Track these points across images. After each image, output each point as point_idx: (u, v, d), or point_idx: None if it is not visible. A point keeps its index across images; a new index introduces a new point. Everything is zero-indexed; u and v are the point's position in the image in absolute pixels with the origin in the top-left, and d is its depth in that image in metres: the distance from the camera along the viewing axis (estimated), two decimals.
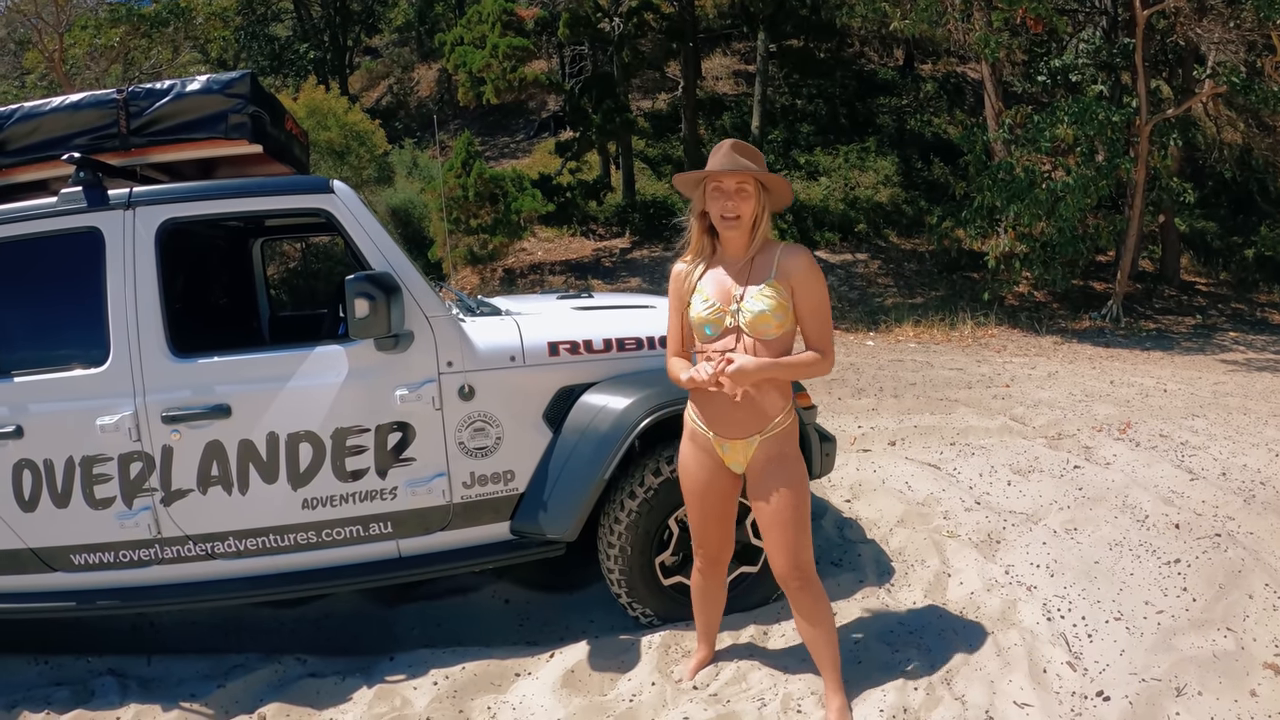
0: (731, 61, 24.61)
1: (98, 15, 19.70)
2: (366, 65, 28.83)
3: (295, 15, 27.53)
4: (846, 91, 22.63)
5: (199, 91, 3.81)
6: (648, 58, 19.18)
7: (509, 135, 23.84)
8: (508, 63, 16.37)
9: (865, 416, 7.41)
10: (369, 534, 3.84)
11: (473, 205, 15.56)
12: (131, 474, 3.72)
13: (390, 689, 3.69)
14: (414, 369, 3.71)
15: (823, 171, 20.40)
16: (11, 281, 3.83)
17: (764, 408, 3.07)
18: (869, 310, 14.90)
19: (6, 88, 22.13)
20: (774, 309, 2.99)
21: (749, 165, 2.98)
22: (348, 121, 17.07)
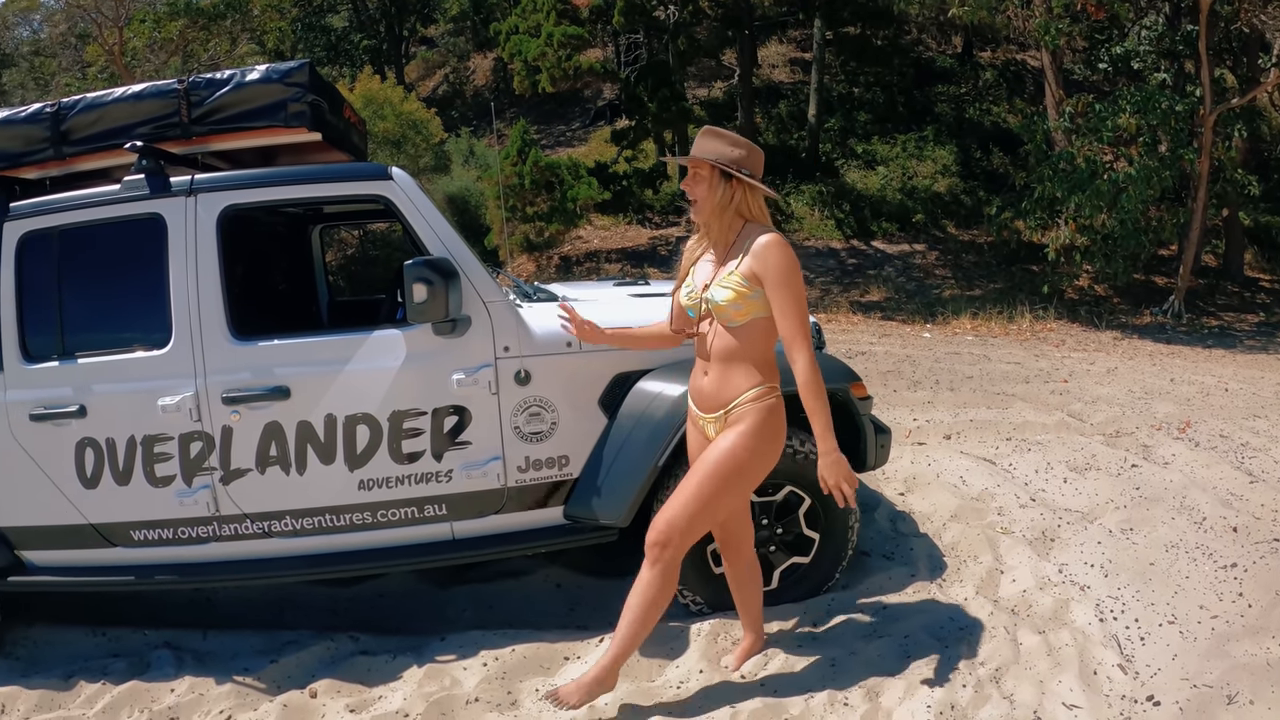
0: (788, 49, 24.34)
1: (156, 9, 20.08)
2: (422, 55, 29.04)
3: (351, 6, 27.75)
4: (904, 80, 22.25)
5: (258, 81, 3.88)
6: (703, 46, 19.08)
7: (565, 123, 23.89)
8: (563, 51, 16.40)
9: (921, 409, 7.34)
10: (424, 516, 3.90)
11: (529, 193, 15.64)
12: (191, 453, 3.82)
13: (440, 668, 3.74)
14: (471, 353, 3.76)
15: (880, 161, 20.13)
16: (76, 266, 3.95)
17: (728, 386, 3.13)
18: (926, 302, 14.74)
19: (68, 80, 22.66)
20: (731, 299, 3.03)
21: (711, 148, 3.08)
22: (404, 111, 17.23)
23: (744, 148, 3.10)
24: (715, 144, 3.09)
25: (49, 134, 4.01)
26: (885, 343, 11.54)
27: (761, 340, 3.10)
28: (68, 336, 3.91)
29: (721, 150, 3.08)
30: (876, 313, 13.93)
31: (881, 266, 16.96)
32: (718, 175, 3.09)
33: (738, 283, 3.03)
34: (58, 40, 23.96)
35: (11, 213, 3.97)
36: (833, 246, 17.75)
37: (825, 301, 14.78)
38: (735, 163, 3.06)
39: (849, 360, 5.80)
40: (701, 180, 3.11)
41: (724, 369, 3.13)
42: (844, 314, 13.98)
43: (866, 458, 4.16)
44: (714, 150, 3.08)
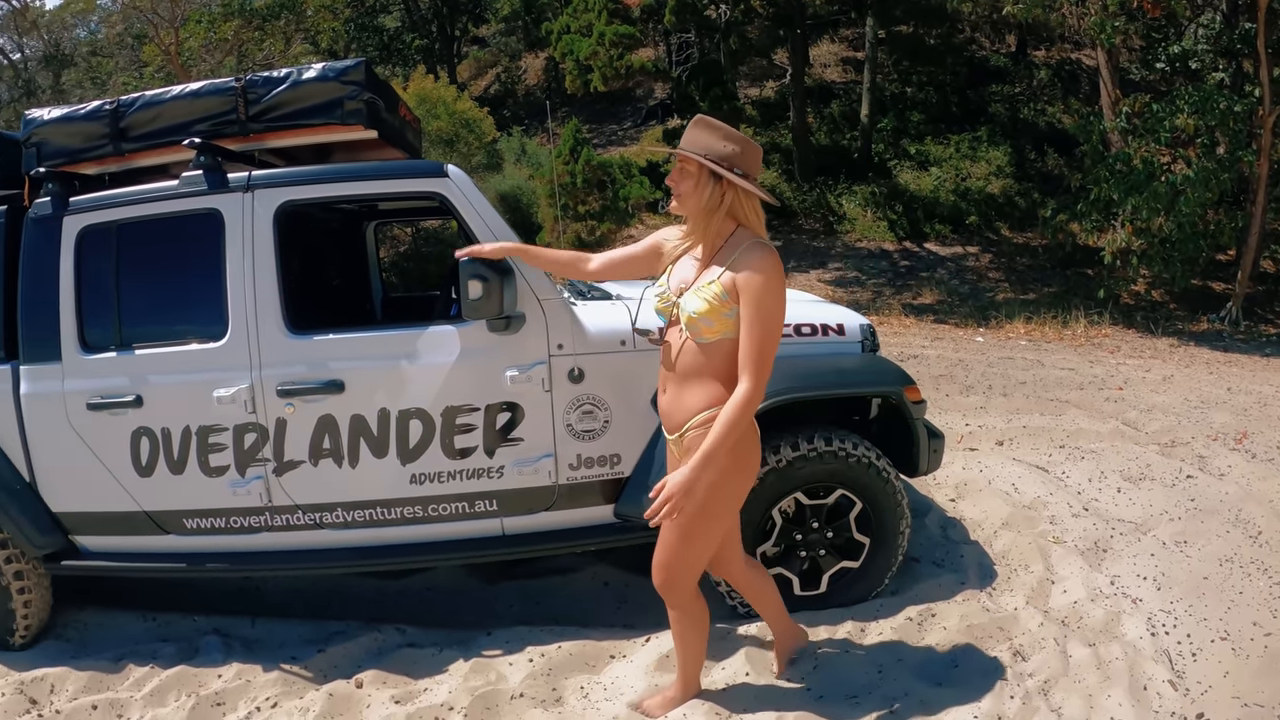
0: (840, 48, 24.20)
1: (211, 10, 20.42)
2: (474, 54, 29.27)
3: (403, 6, 28.06)
4: (958, 79, 22.05)
5: (315, 79, 3.92)
6: (755, 45, 19.04)
7: (616, 122, 23.95)
8: (614, 50, 16.50)
9: (973, 414, 7.27)
10: (474, 511, 3.93)
11: (581, 192, 15.72)
12: (245, 444, 3.88)
13: (486, 663, 3.78)
14: (525, 350, 3.77)
15: (933, 161, 19.96)
16: (134, 260, 4.01)
17: (681, 405, 2.91)
18: (979, 305, 14.58)
19: (125, 79, 23.10)
20: (704, 312, 2.77)
21: (700, 142, 2.80)
22: (457, 110, 17.38)
23: (738, 143, 2.80)
24: (706, 137, 2.80)
25: (108, 130, 4.08)
26: (938, 346, 11.45)
27: (721, 361, 2.83)
28: (125, 328, 3.99)
29: (711, 145, 2.78)
30: (929, 316, 13.82)
31: (934, 269, 16.84)
32: (706, 173, 2.80)
33: (715, 295, 2.76)
34: (115, 40, 24.45)
35: (71, 207, 4.06)
36: (885, 248, 17.65)
37: (877, 304, 14.68)
38: (727, 160, 2.77)
39: (901, 363, 5.75)
40: (688, 176, 2.83)
41: (681, 386, 2.90)
42: (896, 316, 13.88)
43: (919, 462, 4.12)
44: (703, 144, 2.79)
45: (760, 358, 2.72)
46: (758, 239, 2.83)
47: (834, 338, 4.12)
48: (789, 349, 3.96)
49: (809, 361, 4.01)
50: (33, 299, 4.08)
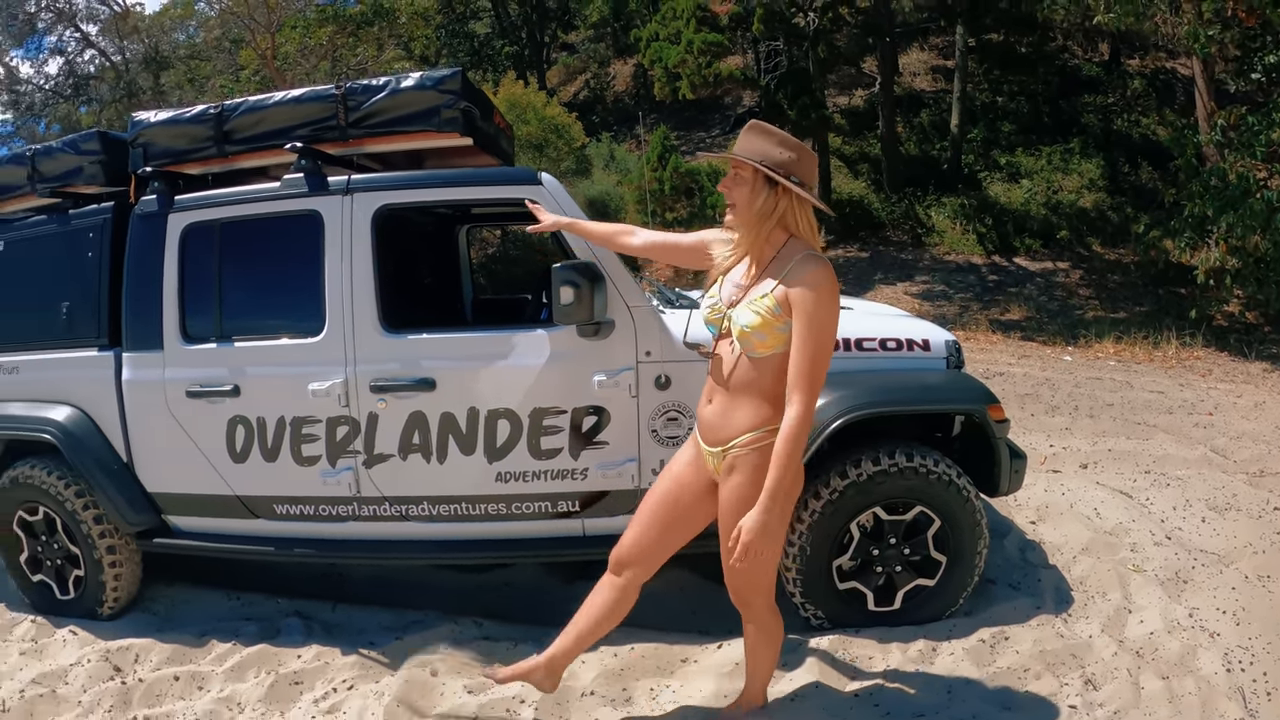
0: (929, 57, 23.88)
1: (307, 16, 20.91)
2: (563, 60, 29.54)
3: (493, 13, 28.42)
4: (1049, 88, 21.52)
5: (413, 87, 4.03)
6: (843, 53, 18.91)
7: (705, 130, 23.95)
8: (703, 58, 16.56)
9: (1058, 436, 7.16)
10: (556, 511, 4.02)
11: (669, 198, 15.83)
12: (338, 436, 4.04)
13: None
14: (613, 356, 3.84)
15: (1024, 173, 19.53)
16: (235, 256, 4.22)
17: (730, 421, 2.86)
18: (1068, 323, 14.24)
19: (223, 82, 23.80)
20: (757, 326, 2.72)
21: (756, 149, 2.74)
22: (546, 115, 17.57)
23: (795, 150, 2.73)
24: (762, 143, 2.73)
25: (213, 133, 4.28)
26: (1024, 364, 11.28)
27: (773, 377, 2.78)
28: (225, 321, 4.20)
29: (768, 151, 2.72)
30: (1016, 332, 13.59)
31: (1023, 284, 16.52)
32: (761, 179, 2.73)
33: (769, 309, 2.71)
34: (212, 44, 25.16)
35: (176, 205, 4.29)
36: (973, 262, 17.37)
37: (964, 319, 14.47)
38: (783, 166, 2.71)
39: (987, 381, 5.70)
40: (742, 182, 2.76)
41: (730, 400, 2.85)
42: (983, 332, 13.68)
43: (1000, 482, 4.07)
44: (759, 150, 2.72)
45: (812, 376, 2.67)
46: (811, 251, 2.77)
47: (919, 353, 4.11)
48: (874, 363, 4.01)
49: (893, 376, 4.01)
50: (137, 291, 4.33)
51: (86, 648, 4.33)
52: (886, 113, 18.68)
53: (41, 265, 4.76)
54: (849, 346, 3.99)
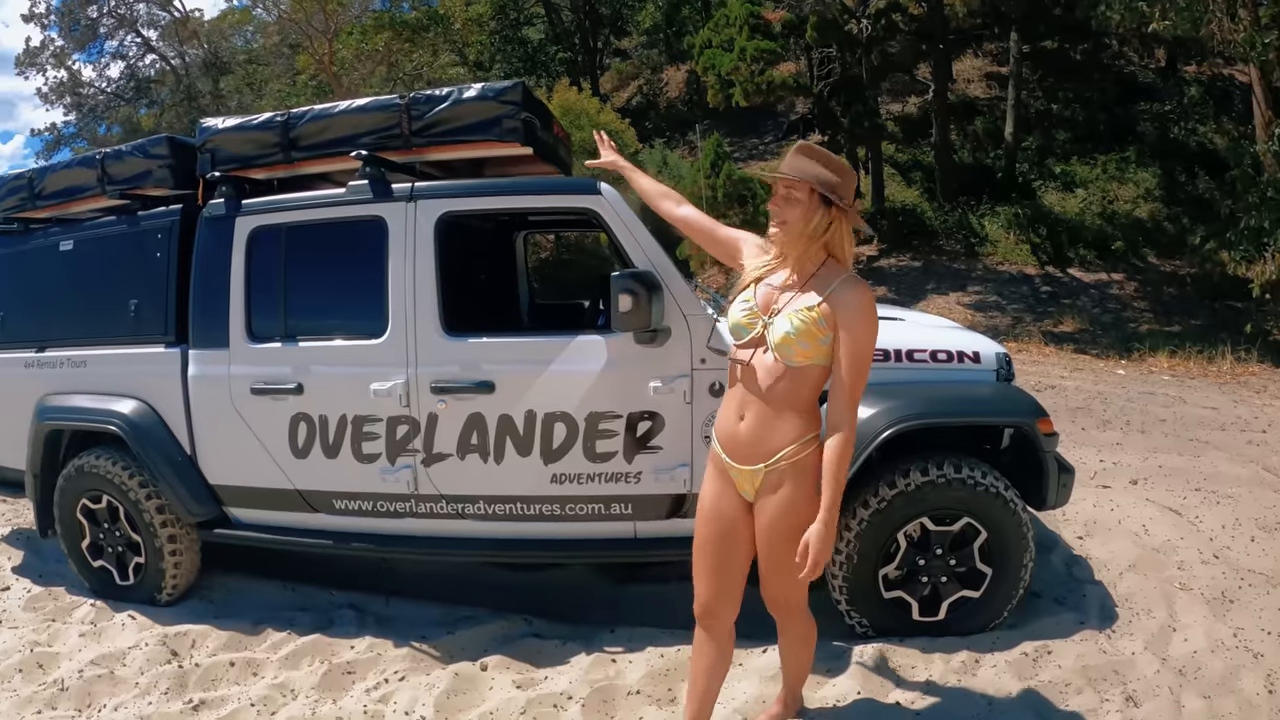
0: (983, 63, 23.65)
1: (363, 22, 21.21)
2: (616, 67, 29.66)
3: (547, 20, 28.60)
4: (1105, 96, 21.10)
5: (475, 98, 4.13)
6: (896, 60, 18.79)
7: (758, 137, 23.97)
8: (755, 65, 16.54)
9: (1109, 451, 7.10)
10: (609, 513, 4.08)
11: (722, 206, 15.80)
12: (398, 435, 4.15)
13: (607, 658, 3.93)
14: (669, 363, 3.89)
15: (1079, 183, 19.26)
16: (301, 259, 4.35)
17: (774, 434, 2.86)
18: (1122, 336, 14.07)
19: (280, 87, 24.18)
20: (802, 333, 2.77)
21: (808, 170, 2.79)
22: (600, 122, 17.60)
23: (841, 172, 2.82)
24: (814, 165, 2.80)
25: (279, 140, 4.42)
26: (1077, 377, 11.15)
27: (810, 388, 2.84)
28: (290, 321, 4.34)
29: (820, 173, 2.79)
30: (1069, 345, 13.44)
31: (1077, 296, 16.32)
32: (816, 200, 2.79)
33: (813, 320, 2.77)
34: (271, 50, 25.59)
35: (243, 209, 4.44)
36: (1027, 272, 17.16)
37: (1016, 330, 14.35)
38: (834, 189, 2.79)
39: (1038, 394, 5.66)
40: (796, 203, 2.81)
41: (768, 414, 2.86)
42: (1035, 344, 13.54)
43: (1047, 496, 4.06)
44: (813, 172, 2.79)
45: (857, 392, 2.79)
46: (852, 273, 2.87)
47: (969, 365, 4.13)
48: (924, 374, 4.03)
49: (942, 388, 4.03)
50: (204, 290, 4.49)
51: (145, 632, 4.50)
52: (940, 120, 18.51)
53: (109, 264, 4.92)
54: (899, 357, 4.02)
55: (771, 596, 3.08)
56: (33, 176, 5.27)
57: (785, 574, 2.91)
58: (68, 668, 4.25)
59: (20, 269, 5.40)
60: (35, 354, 5.13)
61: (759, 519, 2.93)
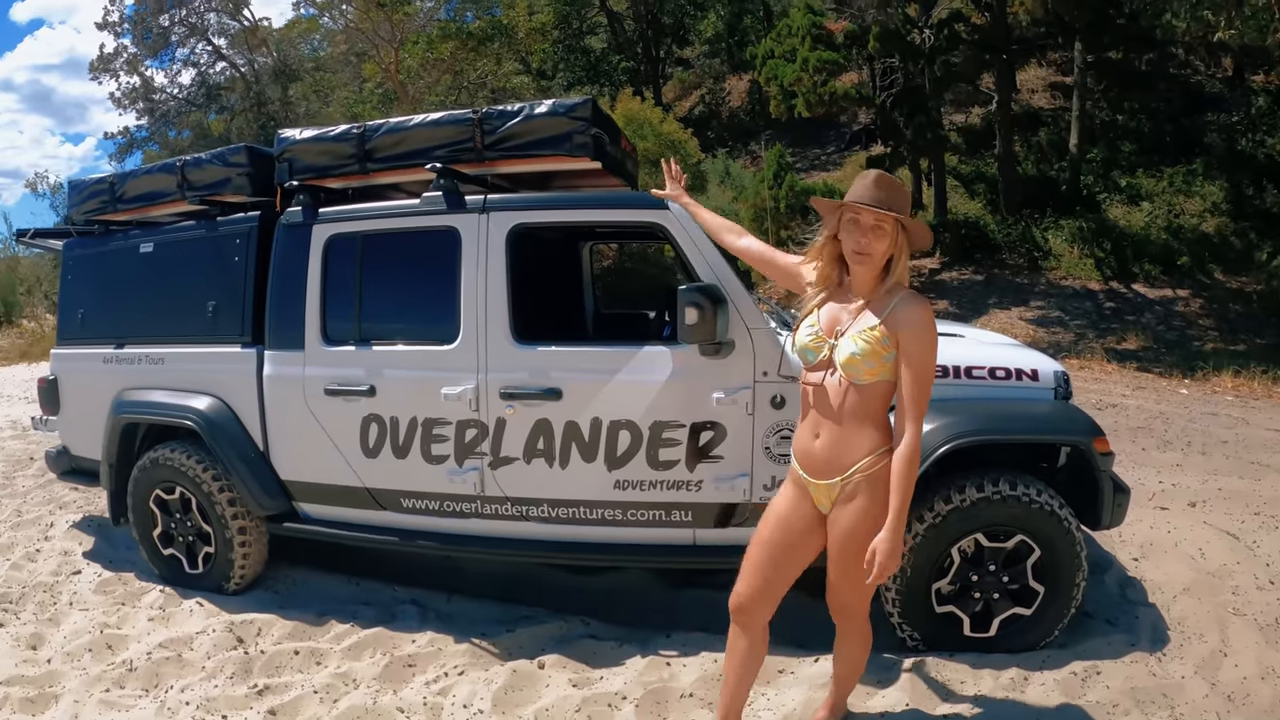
0: (1047, 73, 23.14)
1: (429, 31, 21.47)
2: (678, 76, 29.71)
3: (609, 29, 28.77)
4: (1170, 106, 20.41)
5: (546, 114, 4.26)
6: (959, 70, 18.57)
7: (820, 147, 23.84)
8: (818, 76, 16.46)
9: (1168, 472, 7.03)
10: (670, 520, 4.18)
11: (784, 217, 15.74)
12: (466, 438, 4.28)
13: (662, 661, 4.00)
14: (732, 375, 3.98)
15: (1144, 196, 18.66)
16: (375, 266, 4.51)
17: (849, 449, 2.96)
18: (1186, 355, 13.71)
19: (348, 94, 24.59)
20: (867, 353, 2.87)
21: (893, 202, 2.86)
22: (663, 131, 17.65)
23: (905, 196, 2.93)
24: (891, 196, 2.88)
25: (355, 151, 4.58)
26: (1139, 396, 10.99)
27: (879, 403, 2.94)
28: (364, 325, 4.50)
29: (896, 202, 2.88)
30: (1132, 362, 13.17)
31: (1141, 312, 15.93)
32: (900, 230, 2.90)
33: (878, 339, 2.87)
34: (338, 58, 26.03)
35: (320, 217, 4.61)
36: (1090, 287, 16.75)
37: (1079, 346, 14.07)
38: (902, 213, 2.89)
39: (1099, 413, 5.65)
40: (884, 236, 2.89)
41: (842, 431, 2.96)
42: (1098, 361, 13.30)
43: (1102, 516, 4.07)
44: (897, 204, 2.88)
45: (922, 405, 2.87)
46: (910, 290, 2.97)
47: (1027, 383, 4.15)
48: (982, 391, 4.07)
49: (1000, 405, 4.06)
50: (281, 294, 4.67)
51: (212, 618, 4.68)
52: (1004, 132, 18.17)
53: (188, 266, 5.11)
54: (958, 374, 4.07)
55: (839, 603, 3.17)
56: (114, 181, 5.48)
57: (854, 581, 3.01)
58: (136, 649, 4.42)
59: (100, 269, 5.63)
60: (114, 350, 5.33)
61: (833, 529, 3.02)
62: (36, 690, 4.13)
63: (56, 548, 6.02)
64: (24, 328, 22.34)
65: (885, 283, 2.97)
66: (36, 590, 5.28)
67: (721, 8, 27.59)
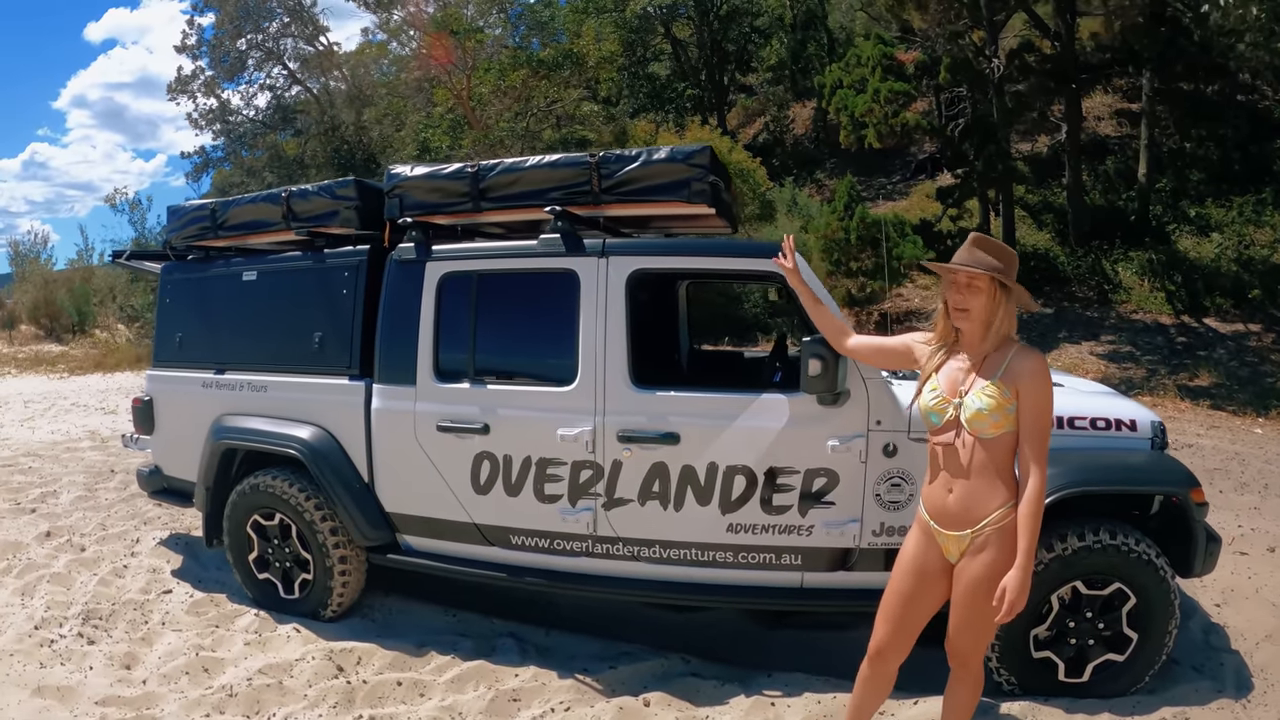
0: (1113, 100, 22.74)
1: (500, 60, 21.75)
2: (742, 103, 29.72)
3: (673, 56, 28.88)
4: (1238, 133, 19.74)
5: (665, 160, 4.32)
6: (1028, 100, 18.44)
7: (885, 176, 23.73)
8: (889, 107, 16.40)
9: (1246, 515, 7.00)
10: (779, 563, 4.24)
11: (854, 248, 15.69)
12: (580, 479, 4.34)
13: (765, 702, 4.05)
14: (847, 423, 4.07)
15: (1214, 226, 18.21)
16: (491, 305, 4.57)
17: (981, 503, 3.07)
18: (1259, 392, 13.41)
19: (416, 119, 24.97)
20: (992, 409, 2.99)
21: (987, 261, 3.02)
22: (732, 160, 17.66)
23: (1007, 259, 3.07)
24: (987, 256, 3.04)
25: (469, 189, 4.63)
26: (1213, 435, 10.83)
27: (1006, 456, 3.04)
28: (478, 363, 4.55)
29: (993, 262, 3.03)
30: (1205, 400, 12.94)
31: (1213, 347, 15.61)
32: (997, 288, 3.05)
33: (999, 393, 3.00)
34: (411, 84, 26.42)
35: (434, 255, 4.68)
36: (1161, 321, 16.47)
37: (1151, 383, 13.85)
38: (1003, 274, 3.04)
39: (1173, 454, 5.66)
40: (979, 292, 3.05)
41: (973, 486, 3.07)
42: (1170, 399, 13.07)
43: (1194, 564, 4.12)
44: (990, 263, 3.03)
45: (1045, 451, 3.00)
46: (1025, 343, 3.11)
47: (1126, 433, 4.22)
48: (1084, 442, 4.13)
49: (1101, 456, 4.12)
50: (391, 329, 4.73)
51: (310, 645, 4.72)
52: (1072, 162, 17.95)
53: (294, 296, 5.18)
54: (1061, 424, 4.10)
55: (957, 650, 3.24)
56: (215, 208, 5.55)
57: (977, 630, 3.15)
58: (233, 674, 4.46)
59: (200, 294, 5.71)
60: (214, 375, 5.40)
61: (960, 579, 3.13)
62: (134, 712, 4.16)
63: (144, 564, 6.05)
64: (97, 337, 22.76)
65: (987, 340, 3.10)
66: (126, 608, 5.30)
67: (785, 35, 27.67)
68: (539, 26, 26.06)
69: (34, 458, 9.63)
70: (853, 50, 18.13)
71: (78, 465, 9.19)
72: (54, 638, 4.86)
